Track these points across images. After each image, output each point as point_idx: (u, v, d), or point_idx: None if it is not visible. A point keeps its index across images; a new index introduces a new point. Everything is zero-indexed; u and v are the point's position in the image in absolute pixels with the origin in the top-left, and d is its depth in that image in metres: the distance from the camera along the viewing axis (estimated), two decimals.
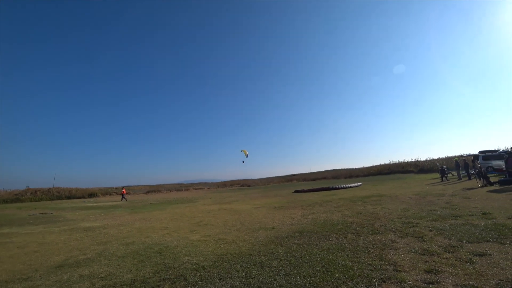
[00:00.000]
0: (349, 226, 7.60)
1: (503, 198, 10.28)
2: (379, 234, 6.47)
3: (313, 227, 8.01)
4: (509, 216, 7.17)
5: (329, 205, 12.87)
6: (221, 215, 12.79)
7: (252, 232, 8.15)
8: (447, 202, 10.56)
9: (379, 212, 9.68)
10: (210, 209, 16.00)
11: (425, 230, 6.44)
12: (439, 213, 8.43)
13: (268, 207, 14.52)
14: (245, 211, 13.64)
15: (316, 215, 10.34)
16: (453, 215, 7.87)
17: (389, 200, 12.67)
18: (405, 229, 6.76)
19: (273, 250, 5.83)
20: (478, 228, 6.15)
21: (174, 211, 16.70)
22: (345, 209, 11.16)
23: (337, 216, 9.52)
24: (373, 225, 7.54)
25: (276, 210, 13.13)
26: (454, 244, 5.18)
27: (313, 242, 6.21)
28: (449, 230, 6.26)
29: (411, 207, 10.07)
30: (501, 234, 5.56)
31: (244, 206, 16.34)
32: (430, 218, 7.73)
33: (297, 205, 14.46)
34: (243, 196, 26.51)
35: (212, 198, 28.02)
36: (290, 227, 8.32)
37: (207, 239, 7.55)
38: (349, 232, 6.96)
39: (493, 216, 7.34)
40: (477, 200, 10.47)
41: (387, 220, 8.01)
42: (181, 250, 6.49)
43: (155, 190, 49.69)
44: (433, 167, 35.96)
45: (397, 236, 6.15)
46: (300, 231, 7.52)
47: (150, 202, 27.30)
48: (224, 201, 22.27)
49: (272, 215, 11.49)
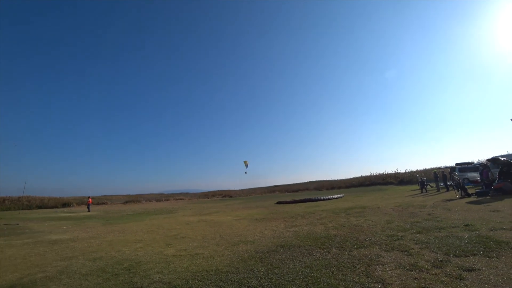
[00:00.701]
0: (333, 240, 7.31)
1: (482, 210, 10.35)
2: (364, 248, 6.20)
3: (296, 240, 7.67)
4: (491, 227, 7.12)
5: (312, 217, 12.60)
6: (200, 227, 12.25)
7: (231, 246, 7.74)
8: (429, 213, 10.52)
9: (362, 224, 9.47)
10: (189, 221, 15.40)
11: (410, 243, 6.23)
12: (423, 225, 8.31)
13: (250, 219, 14.09)
14: (225, 223, 13.16)
15: (298, 227, 10.02)
16: (436, 227, 7.75)
17: (372, 212, 12.54)
18: (390, 242, 6.53)
19: (253, 266, 5.42)
20: (463, 241, 6.00)
21: (151, 222, 15.97)
22: (328, 221, 10.90)
23: (320, 229, 9.23)
24: (358, 238, 7.29)
25: (258, 222, 12.72)
26: (441, 258, 4.97)
27: (295, 258, 5.86)
28: (434, 243, 6.08)
29: (395, 219, 9.94)
30: (487, 247, 5.43)
31: (225, 218, 15.84)
32: (414, 231, 7.57)
33: (279, 217, 14.11)
34: (224, 207, 25.93)
35: (192, 209, 27.28)
36: (272, 241, 7.95)
37: (182, 254, 7.06)
38: (333, 246, 6.66)
39: (476, 228, 7.26)
40: (458, 211, 10.49)
41: (372, 233, 7.79)
42: (153, 266, 5.97)
43: (134, 200, 48.12)
44: (413, 179, 36.74)
45: (383, 250, 5.90)
46: (282, 245, 7.16)
47: (127, 212, 26.25)
48: (204, 212, 21.66)
49: (254, 227, 11.08)
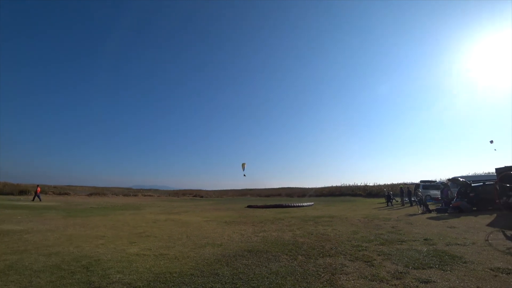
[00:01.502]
0: (300, 247, 7.38)
1: (440, 225, 10.93)
2: (329, 257, 6.31)
3: (263, 246, 7.67)
4: (447, 242, 7.52)
5: (281, 223, 12.69)
6: (167, 227, 11.95)
7: (198, 248, 7.59)
8: (393, 226, 10.95)
9: (329, 233, 9.66)
10: (157, 219, 14.98)
11: (373, 254, 6.43)
12: (386, 237, 8.62)
13: (219, 221, 13.95)
14: (194, 224, 12.93)
15: (267, 233, 10.04)
16: (398, 240, 8.07)
17: (339, 222, 12.85)
18: (355, 252, 6.71)
19: (218, 270, 5.33)
20: (422, 254, 6.29)
21: (117, 218, 15.36)
22: (297, 228, 11.02)
23: (289, 236, 9.30)
24: (324, 247, 7.41)
25: (227, 225, 12.61)
26: (401, 270, 5.17)
27: (262, 263, 5.84)
28: (396, 255, 6.32)
29: (360, 230, 10.24)
30: (442, 260, 5.72)
31: (193, 218, 15.57)
32: (378, 242, 7.83)
33: (249, 221, 14.08)
34: (194, 207, 25.51)
35: (161, 206, 26.58)
36: (239, 245, 7.89)
37: (146, 253, 6.83)
38: (300, 253, 6.72)
39: (434, 242, 7.65)
40: (419, 226, 11.01)
41: (338, 242, 7.96)
42: (113, 265, 5.70)
43: (100, 193, 45.77)
44: (380, 192, 38.16)
45: (347, 260, 6.04)
46: (249, 250, 7.13)
47: (92, 205, 25.09)
48: (173, 211, 21.17)
49: (222, 230, 10.97)
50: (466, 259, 5.80)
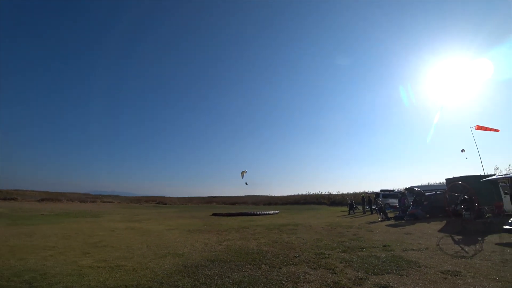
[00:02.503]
0: (264, 256, 7.31)
1: (398, 232, 11.47)
2: (293, 266, 6.31)
3: (227, 255, 7.51)
4: (404, 248, 7.89)
5: (246, 232, 12.56)
6: (126, 235, 11.32)
7: (158, 258, 7.26)
8: (354, 234, 11.28)
9: (294, 241, 9.71)
10: (115, 227, 14.15)
11: (336, 262, 6.53)
12: (348, 244, 8.84)
13: (182, 230, 13.49)
14: (155, 232, 12.39)
15: (231, 241, 9.87)
16: (359, 247, 8.31)
17: (304, 230, 13.00)
18: (318, 260, 6.78)
19: (178, 282, 5.09)
20: (381, 260, 6.52)
21: (70, 226, 14.28)
22: (261, 237, 10.96)
23: (253, 244, 9.20)
24: (288, 255, 7.41)
25: (190, 233, 12.23)
26: (361, 276, 5.29)
27: (224, 273, 5.68)
28: (357, 261, 6.48)
29: (324, 238, 10.41)
30: (399, 266, 5.97)
31: (155, 227, 14.93)
32: (340, 250, 8.00)
33: (213, 229, 13.79)
34: (157, 215, 24.53)
35: (121, 214, 25.26)
36: (202, 254, 7.66)
37: (101, 265, 6.38)
38: (264, 262, 6.65)
39: (392, 248, 7.97)
40: (378, 233, 11.46)
41: (301, 251, 8.00)
42: (62, 279, 5.23)
43: (53, 199, 42.15)
44: (343, 201, 39.42)
45: (310, 268, 6.07)
46: (212, 260, 6.94)
47: (42, 212, 23.17)
48: (134, 218, 20.18)
49: (185, 239, 10.61)
50: (420, 263, 6.11)
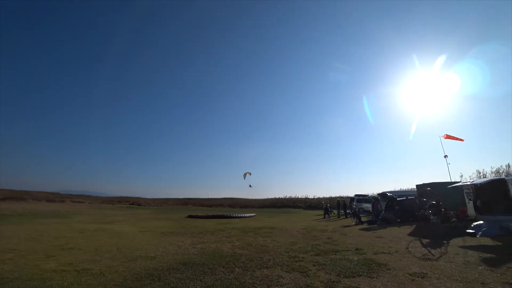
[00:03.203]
0: (238, 259, 7.23)
1: (370, 236, 11.75)
2: (267, 269, 6.27)
3: (200, 258, 7.37)
4: (375, 251, 8.07)
5: (221, 234, 12.42)
6: (96, 237, 10.86)
7: (128, 261, 7.00)
8: (328, 237, 11.43)
9: (269, 244, 9.69)
10: (85, 229, 13.55)
11: (309, 265, 6.56)
12: (322, 248, 8.93)
13: (156, 232, 13.13)
14: (127, 234, 11.98)
15: (206, 244, 9.72)
16: (333, 250, 8.42)
17: (279, 233, 13.03)
18: (292, 263, 6.78)
19: (148, 286, 4.93)
20: (353, 263, 6.62)
21: (35, 227, 13.49)
22: (237, 239, 10.87)
23: (227, 247, 9.10)
24: (262, 258, 7.37)
25: (164, 235, 11.93)
26: (333, 279, 5.33)
27: (197, 277, 5.54)
28: (329, 265, 6.54)
29: (299, 241, 10.47)
30: (370, 268, 6.08)
31: (127, 228, 14.45)
32: (314, 253, 8.06)
33: (188, 231, 13.53)
34: (130, 216, 23.79)
35: (92, 215, 24.25)
36: (175, 257, 7.48)
37: (66, 269, 6.04)
38: (238, 265, 6.57)
39: (364, 251, 8.14)
40: (352, 236, 11.69)
41: (276, 254, 7.99)
42: (20, 285, 4.89)
43: (17, 197, 39.50)
44: (319, 205, 40.07)
45: (284, 271, 6.05)
46: (184, 263, 6.78)
47: (3, 212, 21.69)
48: (105, 220, 19.44)
49: (158, 241, 10.33)
50: (390, 266, 6.26)
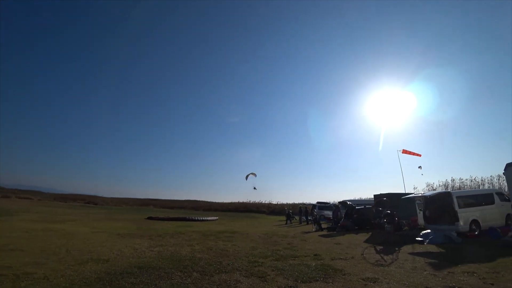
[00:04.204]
0: (197, 263, 7.05)
1: (329, 242, 12.11)
2: (225, 273, 6.18)
3: (157, 262, 7.08)
4: (333, 257, 8.31)
5: (181, 238, 12.07)
6: (42, 238, 10.03)
7: (78, 264, 6.53)
8: (289, 243, 11.58)
9: (229, 249, 9.59)
10: (31, 228, 12.44)
11: (268, 270, 6.58)
12: (282, 253, 9.02)
13: (111, 233, 12.42)
14: (79, 235, 11.23)
15: (164, 247, 9.37)
16: (292, 256, 8.53)
17: (240, 237, 12.96)
18: (251, 268, 6.75)
19: None
20: (311, 268, 6.75)
21: None
22: (197, 243, 10.63)
23: (187, 251, 8.85)
24: (221, 263, 7.26)
25: (120, 237, 11.32)
26: (291, 284, 5.39)
27: (151, 281, 5.31)
28: (288, 270, 6.60)
29: (259, 246, 10.49)
30: (327, 274, 6.24)
31: (80, 229, 13.53)
32: (274, 258, 8.11)
33: (146, 233, 12.98)
34: (84, 216, 22.25)
35: (40, 212, 22.25)
36: (130, 261, 7.11)
37: (3, 273, 5.49)
38: (196, 270, 6.40)
39: (322, 257, 8.34)
40: (311, 242, 11.95)
41: (236, 258, 7.92)
42: None
43: None
44: (282, 210, 40.53)
45: (243, 276, 6.01)
46: (140, 266, 6.46)
47: None
48: (56, 219, 18.02)
49: (113, 243, 9.77)
50: (345, 271, 6.47)
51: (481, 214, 11.84)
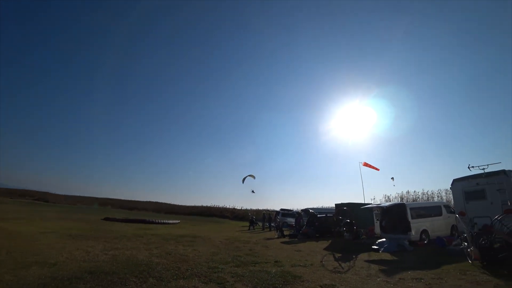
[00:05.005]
0: (154, 268, 6.75)
1: (290, 249, 12.25)
2: (183, 279, 5.98)
3: (111, 266, 6.67)
4: (293, 264, 8.40)
5: (139, 241, 11.54)
6: None
7: (20, 268, 5.98)
8: (250, 249, 11.55)
9: (189, 254, 9.34)
10: None
11: (228, 276, 6.48)
12: (243, 259, 8.95)
13: (62, 234, 11.54)
14: (24, 236, 10.33)
15: (119, 251, 8.88)
16: (253, 262, 8.49)
17: (202, 242, 12.69)
18: (210, 274, 6.61)
19: None
20: (270, 275, 6.74)
21: None
22: (155, 247, 10.21)
23: (144, 255, 8.46)
24: (180, 268, 7.02)
25: (72, 239, 10.55)
26: None
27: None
28: (248, 276, 6.55)
29: (220, 251, 10.33)
30: (286, 280, 6.28)
31: (26, 228, 12.47)
32: (234, 264, 8.01)
33: (101, 235, 12.23)
34: (32, 214, 20.49)
35: None
36: (80, 265, 6.64)
37: None
38: (152, 275, 6.12)
39: (282, 264, 8.40)
40: (273, 249, 12.02)
41: (195, 264, 7.71)
42: None
43: None
44: (246, 216, 40.50)
45: (201, 282, 5.86)
46: (91, 271, 6.04)
47: None
48: None
49: (63, 245, 9.08)
50: (304, 278, 6.56)
51: (430, 225, 12.73)
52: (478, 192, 10.74)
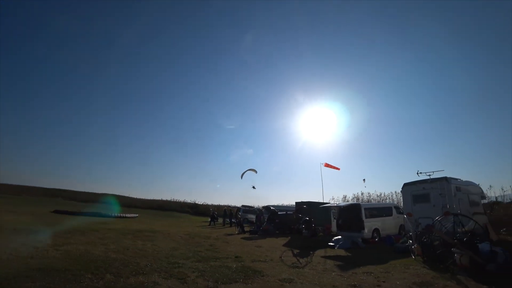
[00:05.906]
0: (111, 264, 6.49)
1: (250, 245, 12.46)
2: (143, 275, 5.84)
3: (63, 263, 6.23)
4: (253, 259, 8.60)
5: (94, 236, 10.89)
6: None
7: None
8: (211, 244, 11.55)
9: (148, 249, 9.11)
10: None
11: (188, 272, 6.46)
12: (204, 254, 8.95)
13: (6, 229, 10.52)
14: None
15: (72, 246, 8.31)
16: (214, 257, 8.54)
17: (161, 237, 12.40)
18: (171, 269, 6.55)
19: None
20: (231, 270, 6.86)
21: None
22: (112, 242, 9.76)
23: (100, 250, 8.07)
24: (139, 264, 6.84)
25: (16, 233, 9.71)
26: (211, 285, 5.41)
27: (56, 286, 4.69)
28: (209, 271, 6.59)
29: (180, 247, 10.22)
30: (246, 275, 6.44)
31: None
32: (195, 259, 8.00)
33: (51, 230, 11.33)
34: None
35: None
36: (28, 261, 6.10)
37: None
38: (110, 271, 5.88)
39: (243, 259, 8.55)
40: (233, 244, 12.13)
41: (155, 259, 7.56)
42: None
43: None
44: (207, 211, 40.13)
45: (161, 278, 5.77)
46: (40, 268, 5.56)
47: None
48: None
49: (7, 241, 8.29)
50: (264, 273, 6.77)
51: (381, 224, 13.75)
52: (424, 196, 11.75)
